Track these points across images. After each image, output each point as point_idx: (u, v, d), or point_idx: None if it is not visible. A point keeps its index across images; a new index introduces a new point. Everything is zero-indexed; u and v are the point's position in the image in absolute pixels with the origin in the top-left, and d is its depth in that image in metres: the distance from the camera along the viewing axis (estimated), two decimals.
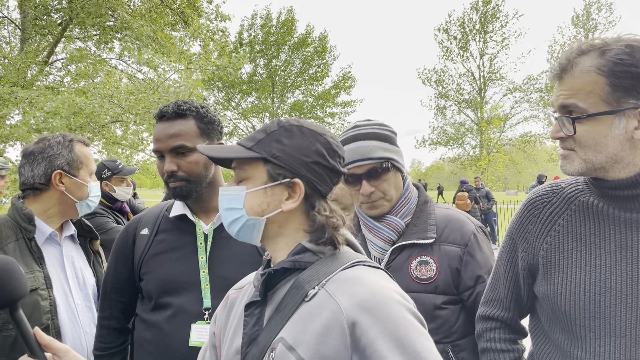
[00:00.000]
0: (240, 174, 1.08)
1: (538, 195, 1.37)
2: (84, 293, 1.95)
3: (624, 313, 1.15)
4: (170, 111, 1.63)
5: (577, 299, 1.20)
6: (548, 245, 1.28)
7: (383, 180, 1.64)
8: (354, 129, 1.69)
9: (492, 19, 29.17)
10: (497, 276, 1.45)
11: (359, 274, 1.00)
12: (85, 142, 1.99)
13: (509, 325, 1.44)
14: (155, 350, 1.58)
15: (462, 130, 31.27)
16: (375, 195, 1.65)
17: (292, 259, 1.04)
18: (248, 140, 1.08)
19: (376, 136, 1.65)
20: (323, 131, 1.11)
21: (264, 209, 1.05)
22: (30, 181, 1.86)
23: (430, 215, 1.69)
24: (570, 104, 1.13)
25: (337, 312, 0.93)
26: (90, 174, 1.96)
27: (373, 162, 1.62)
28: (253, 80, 26.71)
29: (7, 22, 12.57)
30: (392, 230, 1.67)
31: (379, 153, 1.62)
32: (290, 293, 1.01)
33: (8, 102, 9.12)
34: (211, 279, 1.59)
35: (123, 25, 11.00)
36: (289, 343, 0.94)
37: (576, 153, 1.17)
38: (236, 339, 1.07)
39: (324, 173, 1.07)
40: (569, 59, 1.15)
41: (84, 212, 1.96)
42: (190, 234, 1.66)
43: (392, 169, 1.65)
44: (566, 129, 1.16)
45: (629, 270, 1.16)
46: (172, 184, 1.62)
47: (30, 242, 1.79)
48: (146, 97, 9.74)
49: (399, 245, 1.64)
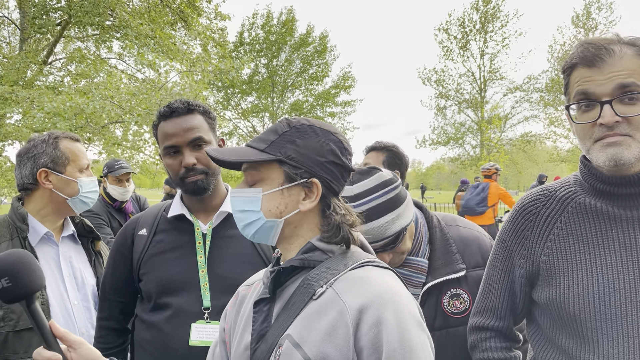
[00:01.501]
0: (254, 176, 1.07)
1: (531, 200, 1.33)
2: (82, 293, 1.93)
3: (635, 312, 1.13)
4: (181, 107, 1.64)
5: (586, 301, 1.16)
6: (549, 250, 1.25)
7: (397, 247, 1.57)
8: (358, 201, 1.52)
9: (493, 19, 29.16)
10: (490, 285, 1.40)
11: (368, 274, 1.00)
12: (73, 137, 1.96)
13: (504, 334, 1.39)
14: (155, 351, 1.58)
15: (462, 130, 31.25)
16: (394, 258, 1.60)
17: (301, 257, 1.04)
18: (260, 142, 1.07)
19: (383, 209, 1.51)
20: (334, 130, 1.11)
21: (281, 210, 1.05)
22: (20, 182, 1.87)
23: (448, 241, 1.63)
24: (631, 82, 1.09)
25: (343, 311, 0.94)
26: (80, 170, 1.92)
27: (385, 240, 1.53)
28: (253, 80, 26.72)
29: (7, 23, 12.58)
30: (419, 273, 1.61)
31: (391, 229, 1.51)
32: (299, 291, 1.02)
33: (10, 101, 9.13)
34: (210, 278, 1.58)
35: (122, 24, 11.00)
36: (295, 340, 0.95)
37: (632, 138, 1.10)
38: (246, 335, 1.08)
39: (338, 172, 1.08)
40: (606, 47, 1.12)
41: (80, 208, 1.94)
42: (188, 234, 1.65)
43: (405, 232, 1.56)
44: (636, 108, 1.09)
45: (636, 269, 1.14)
46: (192, 177, 1.61)
47: (24, 241, 1.79)
48: (147, 98, 9.75)
49: (430, 286, 1.58)
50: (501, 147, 27.72)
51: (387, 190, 1.53)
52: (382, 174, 1.56)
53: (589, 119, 1.14)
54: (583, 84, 1.14)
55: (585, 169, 1.25)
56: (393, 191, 1.54)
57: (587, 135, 1.16)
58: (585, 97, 1.14)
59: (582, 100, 1.15)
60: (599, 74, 1.11)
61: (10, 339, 1.66)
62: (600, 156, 1.13)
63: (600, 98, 1.11)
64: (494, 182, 8.22)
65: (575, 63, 1.16)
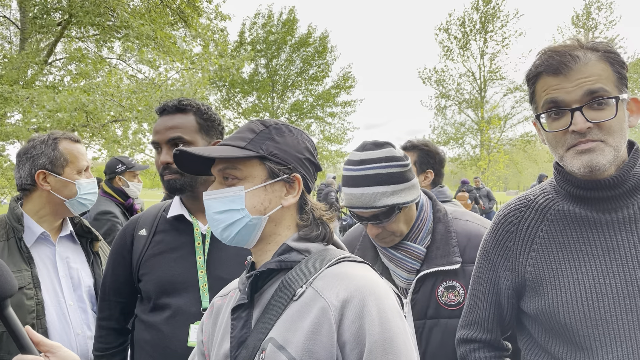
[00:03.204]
0: (234, 174, 1.06)
1: (510, 211, 1.32)
2: (78, 294, 1.93)
3: (624, 316, 1.12)
4: (171, 105, 1.65)
5: (575, 309, 1.16)
6: (533, 260, 1.25)
7: (390, 222, 1.57)
8: (360, 166, 1.55)
9: (493, 19, 29.14)
10: (476, 298, 1.39)
11: (345, 269, 1.01)
12: (74, 138, 1.95)
13: (492, 345, 1.39)
14: (154, 351, 1.58)
15: (462, 130, 31.24)
16: (382, 234, 1.61)
17: (277, 260, 1.04)
18: (238, 140, 1.08)
19: (381, 179, 1.52)
20: (303, 131, 1.15)
21: (266, 206, 1.05)
22: (19, 182, 1.87)
23: (450, 234, 1.63)
24: (598, 88, 1.10)
25: (325, 308, 0.95)
26: (78, 171, 1.91)
27: (373, 210, 1.54)
28: (254, 79, 26.71)
29: (8, 23, 12.58)
30: (414, 259, 1.62)
31: (383, 201, 1.52)
32: (278, 293, 1.01)
33: (10, 100, 9.13)
34: (209, 279, 1.58)
35: (123, 25, 11.00)
36: (279, 343, 0.95)
37: (604, 143, 1.11)
38: (224, 344, 1.07)
39: (312, 169, 1.12)
40: (570, 53, 1.12)
41: (78, 210, 1.93)
42: (188, 234, 1.65)
43: (399, 210, 1.56)
44: (606, 113, 1.10)
45: (621, 272, 1.14)
46: (167, 176, 1.62)
47: (19, 241, 1.79)
48: (148, 96, 9.75)
49: (424, 274, 1.60)
50: (501, 147, 27.71)
51: (392, 165, 1.54)
52: (394, 150, 1.58)
53: (560, 126, 1.14)
54: (551, 92, 1.14)
55: (560, 175, 1.25)
56: (397, 167, 1.55)
57: (559, 143, 1.16)
58: (554, 105, 1.14)
59: (551, 109, 1.15)
60: (566, 82, 1.12)
61: (4, 340, 1.66)
62: (574, 163, 1.13)
63: (570, 105, 1.12)
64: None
65: (540, 71, 1.16)
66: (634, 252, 1.14)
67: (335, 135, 27.50)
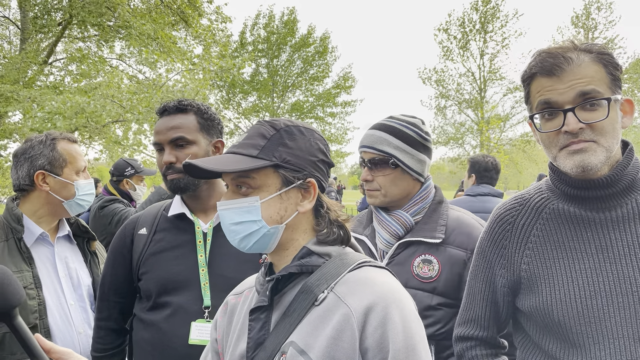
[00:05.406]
0: (248, 183, 1.03)
1: (506, 209, 1.35)
2: (78, 293, 1.94)
3: (617, 313, 1.14)
4: (171, 106, 1.67)
5: (568, 307, 1.18)
6: (528, 258, 1.27)
7: (381, 174, 1.65)
8: (387, 118, 1.71)
9: (492, 19, 29.11)
10: (472, 296, 1.41)
11: (367, 275, 1.01)
12: (71, 138, 1.94)
13: (489, 342, 1.41)
14: (154, 350, 1.59)
15: (462, 130, 31.19)
16: (371, 184, 1.68)
17: (298, 263, 1.03)
18: (249, 148, 1.04)
19: (393, 131, 1.64)
20: (314, 128, 1.12)
21: (282, 215, 1.04)
22: (17, 183, 1.86)
23: (442, 215, 1.68)
24: (590, 89, 1.12)
25: (348, 315, 0.95)
26: (77, 172, 1.91)
27: (374, 152, 1.64)
28: (255, 79, 26.70)
29: (9, 23, 12.58)
30: (400, 225, 1.67)
31: (382, 146, 1.63)
32: (299, 297, 1.01)
33: (11, 99, 9.14)
34: (211, 277, 1.59)
35: (124, 24, 11.01)
36: (300, 347, 0.95)
37: (596, 143, 1.13)
38: (240, 344, 1.07)
39: (325, 169, 1.10)
40: (564, 55, 1.14)
41: (75, 211, 1.93)
42: (189, 233, 1.66)
43: (394, 166, 1.64)
44: (598, 114, 1.12)
45: (613, 270, 1.16)
46: (170, 176, 1.63)
47: (19, 242, 1.78)
48: (149, 96, 9.76)
49: (405, 241, 1.65)
50: (501, 147, 27.69)
51: (410, 128, 1.67)
52: (419, 122, 1.71)
53: (553, 127, 1.16)
54: (545, 94, 1.16)
55: (554, 174, 1.27)
56: (413, 133, 1.66)
57: (552, 143, 1.19)
58: (548, 106, 1.16)
59: (545, 109, 1.17)
60: (559, 83, 1.14)
61: (7, 340, 1.66)
62: (567, 163, 1.16)
63: (563, 106, 1.14)
64: None
65: (534, 73, 1.18)
66: (627, 251, 1.16)
67: (335, 135, 27.46)
